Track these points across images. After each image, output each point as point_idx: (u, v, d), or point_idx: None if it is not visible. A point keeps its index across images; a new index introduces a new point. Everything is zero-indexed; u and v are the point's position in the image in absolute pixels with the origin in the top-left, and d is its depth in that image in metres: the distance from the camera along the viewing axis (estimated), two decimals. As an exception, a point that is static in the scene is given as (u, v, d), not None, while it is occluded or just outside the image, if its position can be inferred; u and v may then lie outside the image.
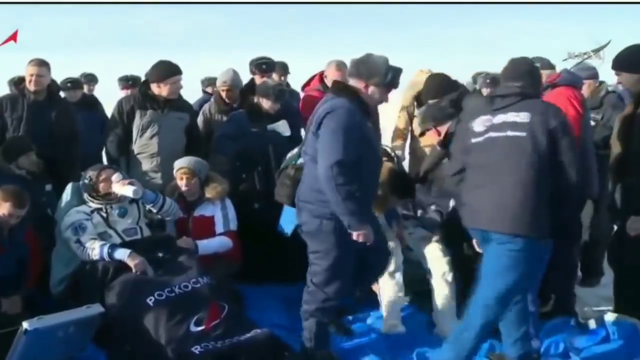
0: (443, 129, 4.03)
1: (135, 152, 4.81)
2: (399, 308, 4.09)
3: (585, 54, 4.53)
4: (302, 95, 5.80)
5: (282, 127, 4.91)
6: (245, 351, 3.36)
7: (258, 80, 5.69)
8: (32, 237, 3.97)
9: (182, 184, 4.43)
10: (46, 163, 4.62)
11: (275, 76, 6.06)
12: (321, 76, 5.50)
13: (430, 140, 4.48)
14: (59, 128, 4.92)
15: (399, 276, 4.08)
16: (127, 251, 3.88)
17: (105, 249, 3.88)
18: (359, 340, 3.84)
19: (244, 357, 3.33)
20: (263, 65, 5.72)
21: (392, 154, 4.86)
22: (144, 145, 4.78)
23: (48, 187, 4.61)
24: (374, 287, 4.12)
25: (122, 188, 4.08)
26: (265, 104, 4.96)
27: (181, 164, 4.45)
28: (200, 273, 3.85)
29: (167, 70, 4.80)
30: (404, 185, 4.16)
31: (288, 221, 4.01)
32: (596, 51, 3.35)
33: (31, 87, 4.84)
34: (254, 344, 3.41)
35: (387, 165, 4.05)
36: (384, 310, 4.07)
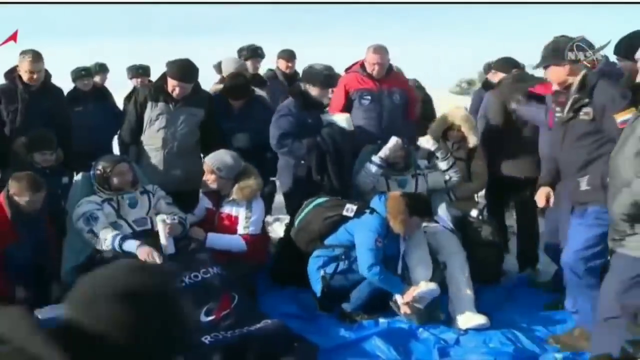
0: None
1: (144, 143, 4.76)
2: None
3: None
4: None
5: (345, 121, 4.63)
6: (256, 341, 3.33)
7: (249, 66, 5.60)
8: (49, 228, 4.01)
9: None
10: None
11: (282, 63, 6.02)
12: (363, 61, 5.05)
13: None
14: (55, 117, 4.81)
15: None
16: (137, 243, 3.89)
17: (117, 240, 3.89)
18: (369, 331, 3.79)
19: (254, 347, 3.30)
20: (258, 50, 5.63)
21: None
22: (151, 137, 4.72)
23: (65, 179, 4.63)
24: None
25: (162, 237, 3.93)
26: (313, 90, 4.67)
27: (205, 159, 4.43)
28: (211, 263, 3.84)
29: (172, 71, 4.65)
30: (423, 205, 4.15)
31: (315, 282, 4.05)
32: (596, 51, 3.38)
33: (30, 82, 4.71)
34: (264, 335, 3.39)
35: (395, 193, 4.14)
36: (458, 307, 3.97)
